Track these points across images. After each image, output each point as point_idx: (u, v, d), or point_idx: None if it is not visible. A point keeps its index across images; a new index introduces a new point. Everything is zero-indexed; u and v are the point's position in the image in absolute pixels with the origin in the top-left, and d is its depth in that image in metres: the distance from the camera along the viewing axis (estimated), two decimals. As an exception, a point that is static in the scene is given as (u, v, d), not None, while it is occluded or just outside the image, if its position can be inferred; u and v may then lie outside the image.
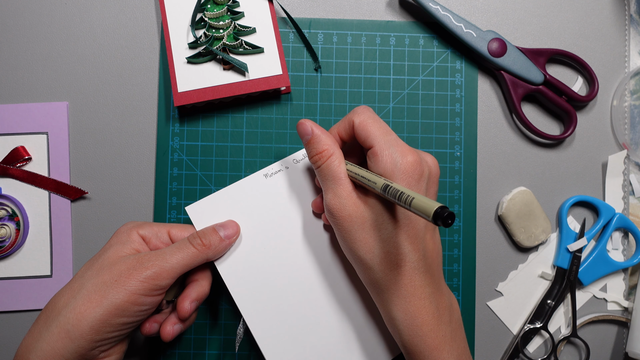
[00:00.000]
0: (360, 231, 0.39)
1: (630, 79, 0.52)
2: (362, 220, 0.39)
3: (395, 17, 0.52)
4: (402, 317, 0.39)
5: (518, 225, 0.50)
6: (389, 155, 0.39)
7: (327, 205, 0.40)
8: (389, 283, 0.39)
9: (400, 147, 0.39)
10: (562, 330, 0.51)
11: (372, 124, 0.40)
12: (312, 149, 0.41)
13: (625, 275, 0.51)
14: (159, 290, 0.40)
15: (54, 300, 0.40)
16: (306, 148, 0.42)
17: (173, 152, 0.50)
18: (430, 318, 0.39)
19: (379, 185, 0.37)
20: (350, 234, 0.39)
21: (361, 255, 0.39)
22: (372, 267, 0.39)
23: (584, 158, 0.52)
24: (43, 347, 0.38)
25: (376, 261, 0.39)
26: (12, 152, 0.49)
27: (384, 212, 0.39)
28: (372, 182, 0.38)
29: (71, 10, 0.52)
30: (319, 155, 0.41)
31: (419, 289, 0.39)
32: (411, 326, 0.39)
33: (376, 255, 0.39)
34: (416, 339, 0.39)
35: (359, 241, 0.39)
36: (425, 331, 0.39)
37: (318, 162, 0.41)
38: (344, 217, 0.39)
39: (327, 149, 0.41)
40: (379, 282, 0.40)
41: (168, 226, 0.45)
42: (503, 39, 0.50)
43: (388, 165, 0.38)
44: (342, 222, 0.39)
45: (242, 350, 0.49)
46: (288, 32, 0.52)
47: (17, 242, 0.49)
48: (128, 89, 0.51)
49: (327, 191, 0.41)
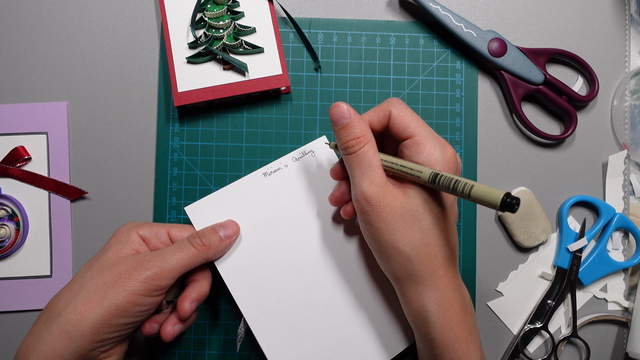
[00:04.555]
0: (400, 221, 0.38)
1: (630, 78, 0.52)
2: (403, 210, 0.38)
3: (395, 17, 0.52)
4: (435, 309, 0.39)
5: (518, 225, 0.50)
6: (432, 146, 0.38)
7: (363, 194, 0.38)
8: (425, 275, 0.39)
9: (439, 139, 0.39)
10: (563, 331, 0.50)
11: (410, 114, 0.40)
12: (349, 133, 0.39)
13: (626, 275, 0.51)
14: (159, 291, 0.40)
15: (54, 301, 0.40)
16: (340, 132, 0.40)
17: (173, 152, 0.50)
18: (460, 310, 0.39)
19: (426, 175, 0.37)
20: (390, 225, 0.38)
21: (401, 246, 0.38)
22: (411, 259, 0.38)
23: (584, 158, 0.52)
24: (43, 348, 0.38)
25: (415, 252, 0.38)
26: (11, 152, 0.49)
27: (424, 203, 0.38)
28: (415, 171, 0.38)
29: (71, 10, 0.52)
30: (357, 140, 0.39)
31: (452, 281, 0.39)
32: (443, 318, 0.39)
33: (415, 247, 0.38)
34: (447, 331, 0.39)
35: (399, 232, 0.38)
36: (456, 323, 0.39)
37: (354, 147, 0.39)
38: (382, 206, 0.38)
39: (364, 134, 0.39)
40: (415, 274, 0.39)
41: (168, 226, 0.45)
42: (503, 39, 0.50)
43: (432, 156, 0.38)
44: (380, 211, 0.38)
45: (243, 351, 0.49)
46: (288, 32, 0.52)
47: (16, 242, 0.49)
48: (128, 89, 0.51)
49: (362, 179, 0.39)
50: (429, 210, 0.38)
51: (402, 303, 0.41)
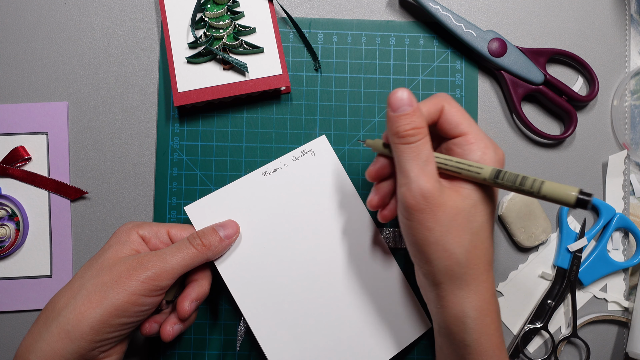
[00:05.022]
0: (454, 222, 0.36)
1: (630, 78, 0.52)
2: (456, 210, 0.36)
3: (395, 17, 0.52)
4: (475, 314, 0.37)
5: (518, 225, 0.50)
6: (486, 145, 0.38)
7: (421, 189, 0.36)
8: (470, 279, 0.37)
9: (490, 139, 0.38)
10: (563, 331, 0.50)
11: (463, 112, 0.39)
12: (411, 122, 0.37)
13: (626, 275, 0.51)
14: (159, 291, 0.40)
15: (54, 301, 0.40)
16: (400, 120, 0.37)
17: (173, 152, 0.50)
18: (496, 317, 0.38)
19: (487, 172, 0.36)
20: (444, 226, 0.36)
21: (452, 248, 0.36)
22: (460, 262, 0.37)
23: (584, 158, 0.52)
24: (43, 348, 0.38)
25: (464, 256, 0.37)
26: (11, 152, 0.49)
27: (476, 204, 0.37)
28: (475, 168, 0.36)
29: (71, 10, 0.52)
30: (418, 130, 0.37)
31: (491, 286, 0.38)
32: (481, 324, 0.37)
33: (465, 249, 0.37)
34: (484, 338, 0.38)
35: (452, 234, 0.36)
36: (492, 330, 0.38)
37: (414, 137, 0.37)
38: (439, 204, 0.36)
39: (425, 126, 0.37)
40: (460, 278, 0.37)
41: (167, 226, 0.45)
42: (503, 39, 0.50)
43: (486, 155, 0.37)
44: (436, 210, 0.36)
45: (243, 350, 0.49)
46: (288, 32, 0.52)
47: (16, 242, 0.49)
48: (128, 89, 0.51)
49: (420, 174, 0.36)
50: (480, 212, 0.37)
51: (437, 308, 0.39)
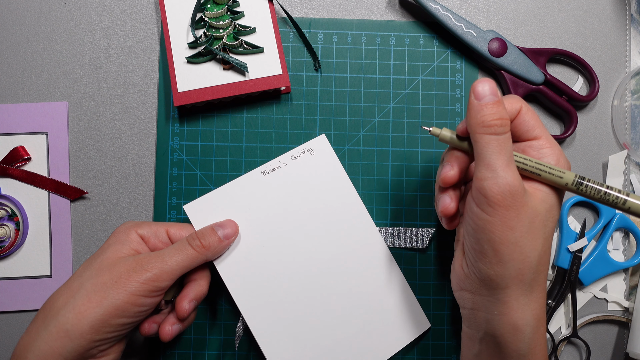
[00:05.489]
0: (532, 224, 0.35)
1: (630, 78, 0.52)
2: (535, 212, 0.35)
3: (395, 17, 0.52)
4: (534, 323, 0.36)
5: (518, 225, 0.49)
6: (559, 152, 0.37)
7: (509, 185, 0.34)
8: (536, 285, 0.36)
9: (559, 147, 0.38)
10: (563, 331, 0.50)
11: (537, 116, 0.38)
12: (498, 112, 0.35)
13: (626, 275, 0.51)
14: (159, 292, 0.40)
15: (52, 300, 0.40)
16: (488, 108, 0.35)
17: (173, 152, 0.50)
18: (545, 325, 0.38)
19: (569, 178, 0.35)
20: (525, 226, 0.35)
21: (527, 250, 0.35)
22: (532, 266, 0.35)
23: (585, 158, 0.52)
24: (41, 347, 0.38)
25: (537, 260, 0.35)
26: (11, 152, 0.49)
27: (550, 209, 0.36)
28: (557, 172, 0.36)
29: (71, 10, 0.52)
30: (504, 120, 0.35)
31: (544, 293, 0.38)
32: (536, 332, 0.37)
33: (538, 254, 0.36)
34: (538, 348, 0.37)
35: (530, 235, 0.35)
36: (544, 339, 0.38)
37: (501, 127, 0.35)
38: (522, 204, 0.34)
39: (509, 120, 0.36)
40: (529, 283, 0.36)
41: (167, 225, 0.45)
42: (503, 39, 0.50)
43: (562, 162, 0.37)
44: (520, 209, 0.34)
45: (242, 350, 0.49)
46: (288, 32, 0.52)
47: (16, 242, 0.49)
48: (128, 89, 0.51)
49: (507, 168, 0.34)
50: (552, 217, 0.36)
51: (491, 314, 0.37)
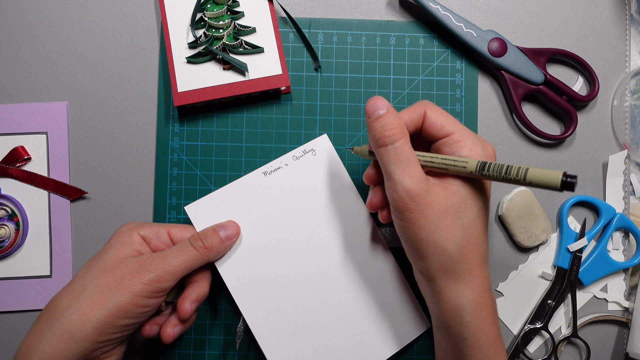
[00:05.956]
0: (444, 219, 0.37)
1: (630, 78, 0.52)
2: (446, 207, 0.37)
3: (395, 17, 0.52)
4: (471, 308, 0.38)
5: (518, 225, 0.50)
6: (473, 142, 0.38)
7: (406, 191, 0.37)
8: (464, 273, 0.38)
9: (477, 136, 0.39)
10: (563, 331, 0.50)
11: (445, 114, 0.40)
12: (386, 124, 0.38)
13: (626, 275, 0.51)
14: (162, 293, 0.41)
15: (55, 301, 0.40)
16: (375, 123, 0.38)
17: (173, 152, 0.50)
18: (492, 310, 0.39)
19: (472, 165, 0.36)
20: (433, 223, 0.37)
21: (444, 244, 0.37)
22: (453, 257, 0.37)
23: (585, 158, 0.52)
24: (45, 349, 0.38)
25: (457, 250, 0.37)
26: (11, 152, 0.49)
27: (466, 199, 0.38)
28: (461, 162, 0.37)
29: (71, 10, 0.52)
30: (394, 130, 0.38)
31: (486, 280, 0.39)
32: (477, 318, 0.38)
33: (457, 244, 0.37)
34: (480, 331, 0.38)
35: (443, 230, 0.37)
36: (489, 323, 0.39)
37: (391, 137, 0.38)
38: (427, 203, 0.37)
39: (402, 126, 0.38)
40: (455, 272, 0.38)
41: (168, 226, 0.45)
42: (503, 39, 0.50)
43: (474, 151, 0.38)
44: (424, 208, 0.37)
45: (242, 350, 0.49)
46: (288, 32, 0.52)
47: (16, 242, 0.49)
48: (128, 89, 0.51)
49: (403, 175, 0.37)
50: (470, 207, 0.38)
51: (433, 302, 0.40)
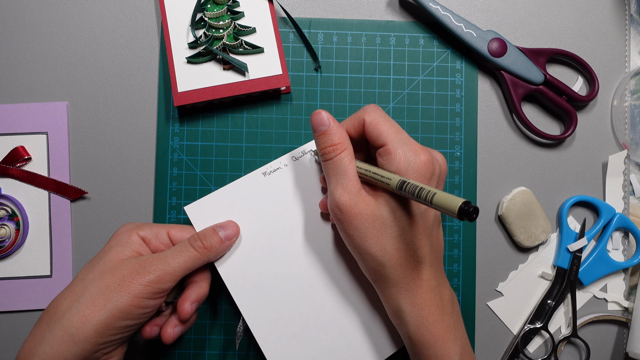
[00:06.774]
0: (372, 229, 0.39)
1: (630, 78, 0.52)
2: (374, 217, 0.39)
3: (395, 17, 0.52)
4: (409, 309, 0.40)
5: (518, 225, 0.50)
6: (402, 153, 0.39)
7: (336, 202, 0.39)
8: (398, 278, 0.40)
9: (412, 145, 0.39)
10: (563, 331, 0.50)
11: (384, 122, 0.40)
12: (327, 140, 0.41)
13: (626, 275, 0.51)
14: (162, 293, 0.41)
15: (56, 303, 0.40)
16: (319, 139, 0.41)
17: (173, 152, 0.50)
18: (435, 309, 0.40)
19: (394, 182, 0.37)
20: (361, 232, 0.39)
21: (373, 252, 0.39)
22: (383, 264, 0.39)
23: (584, 158, 0.52)
24: (46, 351, 0.38)
25: (387, 258, 0.39)
26: (11, 152, 0.49)
27: (396, 210, 0.39)
28: (386, 179, 0.38)
29: (71, 10, 0.52)
30: (333, 147, 0.40)
31: (426, 282, 0.40)
32: (418, 317, 0.40)
33: (387, 252, 0.39)
34: (422, 330, 0.40)
35: (371, 239, 0.39)
36: (431, 322, 0.40)
37: (330, 154, 0.40)
38: (354, 214, 0.39)
39: (341, 142, 0.40)
40: (388, 277, 0.40)
41: (167, 227, 0.45)
42: (503, 39, 0.50)
43: (402, 164, 0.38)
44: (352, 219, 0.39)
45: (242, 350, 0.49)
46: (288, 32, 0.52)
47: (16, 242, 0.49)
48: (128, 89, 0.51)
49: (335, 187, 0.40)
50: (399, 217, 0.39)
51: (383, 302, 0.43)
